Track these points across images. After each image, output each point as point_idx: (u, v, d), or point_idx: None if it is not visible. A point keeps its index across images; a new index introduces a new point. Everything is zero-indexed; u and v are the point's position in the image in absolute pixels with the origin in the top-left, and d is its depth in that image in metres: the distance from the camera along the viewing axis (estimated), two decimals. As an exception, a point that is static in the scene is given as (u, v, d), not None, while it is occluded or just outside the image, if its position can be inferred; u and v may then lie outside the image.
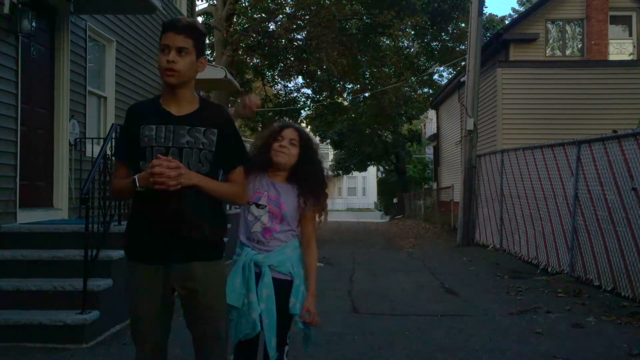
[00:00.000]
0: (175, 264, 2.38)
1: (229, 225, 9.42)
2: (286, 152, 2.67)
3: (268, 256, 2.61)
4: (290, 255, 2.67)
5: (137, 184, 2.29)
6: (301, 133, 2.76)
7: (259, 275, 2.60)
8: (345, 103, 26.04)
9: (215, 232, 2.47)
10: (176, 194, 2.28)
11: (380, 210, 52.21)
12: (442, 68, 27.41)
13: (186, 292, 2.41)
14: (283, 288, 2.62)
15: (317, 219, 2.81)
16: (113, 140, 5.70)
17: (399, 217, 33.81)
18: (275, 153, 2.67)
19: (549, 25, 17.55)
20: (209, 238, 2.43)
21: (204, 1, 36.75)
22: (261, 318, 2.55)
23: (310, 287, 2.69)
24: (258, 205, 2.65)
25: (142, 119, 2.41)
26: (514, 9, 45.75)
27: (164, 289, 2.40)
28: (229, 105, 18.09)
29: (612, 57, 16.71)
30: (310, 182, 2.70)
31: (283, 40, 19.70)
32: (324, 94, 24.64)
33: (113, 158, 2.61)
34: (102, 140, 6.54)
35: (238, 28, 20.91)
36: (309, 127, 28.42)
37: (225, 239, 2.61)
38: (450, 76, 25.61)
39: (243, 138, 2.72)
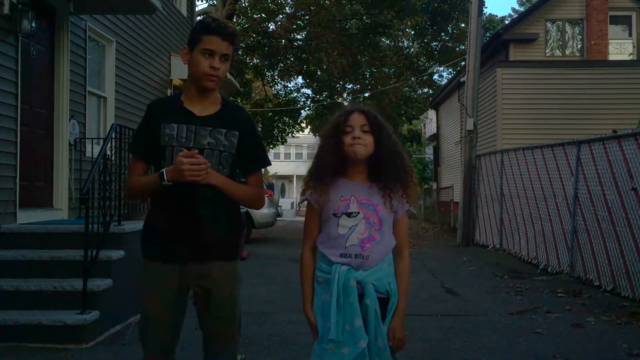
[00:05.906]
0: (192, 264, 2.38)
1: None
2: (362, 143, 2.20)
3: (369, 273, 2.22)
4: (388, 271, 2.28)
5: (165, 178, 2.27)
6: (370, 116, 2.24)
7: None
8: (345, 103, 26.02)
9: (233, 233, 2.48)
10: (194, 194, 2.29)
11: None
12: (442, 68, 27.43)
13: (202, 291, 2.41)
14: (381, 308, 2.23)
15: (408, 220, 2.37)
16: (113, 140, 5.71)
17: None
18: (350, 148, 2.21)
19: (549, 25, 17.55)
20: (226, 239, 2.43)
21: (204, 1, 36.75)
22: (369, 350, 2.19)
23: (400, 305, 2.26)
24: (349, 214, 2.22)
25: (163, 117, 2.39)
26: (514, 9, 45.75)
27: (178, 288, 2.40)
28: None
29: (612, 57, 16.70)
30: (394, 175, 2.25)
31: (283, 40, 19.70)
32: (324, 94, 24.64)
33: (130, 154, 2.54)
34: (102, 141, 6.54)
35: (238, 28, 20.91)
36: (309, 127, 28.43)
37: None
38: (450, 76, 25.61)
39: None
